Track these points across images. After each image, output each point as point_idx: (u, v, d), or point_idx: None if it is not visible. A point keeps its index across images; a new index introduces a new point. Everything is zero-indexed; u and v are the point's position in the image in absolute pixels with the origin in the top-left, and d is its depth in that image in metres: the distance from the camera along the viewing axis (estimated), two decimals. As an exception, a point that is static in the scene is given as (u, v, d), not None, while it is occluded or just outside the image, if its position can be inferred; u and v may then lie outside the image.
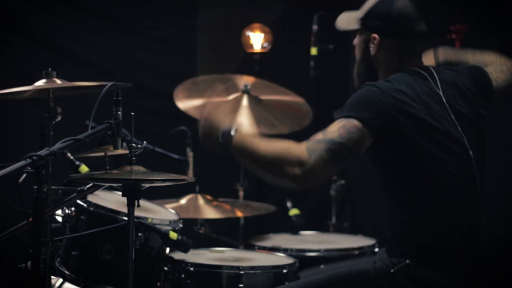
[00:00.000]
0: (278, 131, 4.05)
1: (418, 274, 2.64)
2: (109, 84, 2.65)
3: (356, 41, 2.89)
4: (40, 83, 2.91)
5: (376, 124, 2.59)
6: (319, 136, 2.58)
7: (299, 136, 2.81)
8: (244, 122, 2.90)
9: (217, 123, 2.64)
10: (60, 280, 3.19)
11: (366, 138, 2.59)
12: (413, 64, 2.78)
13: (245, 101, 4.23)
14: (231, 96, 4.24)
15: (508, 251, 4.07)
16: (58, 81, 2.92)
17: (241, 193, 4.40)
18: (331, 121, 2.85)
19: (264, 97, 4.25)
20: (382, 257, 2.75)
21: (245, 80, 4.13)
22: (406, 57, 2.79)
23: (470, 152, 2.70)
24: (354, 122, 2.58)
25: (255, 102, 4.14)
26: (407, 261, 2.66)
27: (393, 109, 2.62)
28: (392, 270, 2.67)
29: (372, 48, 2.81)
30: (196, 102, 4.07)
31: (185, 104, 4.05)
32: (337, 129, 2.57)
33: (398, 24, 2.77)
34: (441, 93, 2.71)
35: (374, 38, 2.79)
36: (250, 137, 2.63)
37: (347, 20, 2.91)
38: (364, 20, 2.83)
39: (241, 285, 3.13)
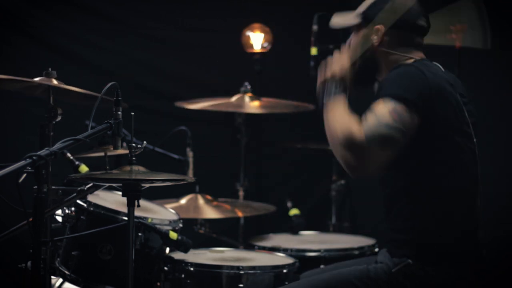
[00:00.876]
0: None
1: (419, 274, 2.64)
2: (109, 84, 2.65)
3: (351, 39, 2.87)
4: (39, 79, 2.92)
5: (421, 104, 2.57)
6: (371, 119, 2.55)
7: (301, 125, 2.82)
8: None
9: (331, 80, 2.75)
10: (60, 280, 3.19)
11: (415, 121, 2.57)
12: (419, 56, 2.79)
13: (246, 99, 4.24)
14: (234, 98, 4.25)
15: (508, 251, 4.07)
16: (56, 82, 2.93)
17: (241, 193, 4.40)
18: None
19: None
20: (384, 257, 2.75)
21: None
22: (409, 49, 2.79)
23: (476, 149, 2.71)
24: (403, 106, 2.55)
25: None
26: (409, 261, 2.66)
27: (434, 92, 2.60)
28: (393, 270, 2.67)
29: (375, 39, 2.79)
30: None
31: None
32: (389, 112, 2.54)
33: (402, 16, 2.77)
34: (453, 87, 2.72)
35: (378, 29, 2.78)
36: (337, 105, 2.66)
37: (342, 19, 2.92)
38: (366, 13, 2.82)
39: (241, 285, 3.13)
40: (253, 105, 4.26)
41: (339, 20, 2.93)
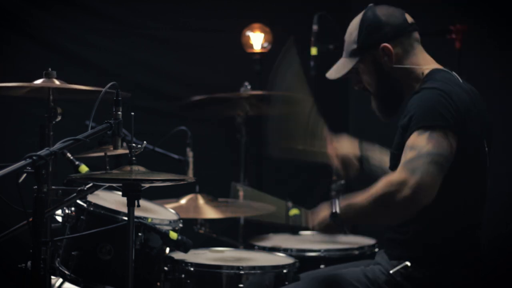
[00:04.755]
0: None
1: (417, 275, 2.64)
2: (109, 84, 2.65)
3: (360, 77, 2.83)
4: (40, 82, 2.92)
5: (454, 126, 2.55)
6: (411, 154, 2.51)
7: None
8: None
9: (322, 219, 2.73)
10: (60, 280, 3.19)
11: (453, 143, 2.54)
12: (433, 62, 2.78)
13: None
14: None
15: (508, 251, 4.07)
16: (57, 82, 2.93)
17: (241, 193, 4.39)
18: (330, 121, 2.84)
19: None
20: (382, 259, 2.75)
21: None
22: (417, 52, 2.78)
23: (487, 156, 2.71)
24: (438, 132, 2.52)
25: None
26: (407, 262, 2.65)
27: (461, 111, 2.58)
28: (391, 272, 2.67)
29: (388, 60, 2.75)
30: None
31: None
32: (427, 142, 2.51)
33: (394, 23, 2.76)
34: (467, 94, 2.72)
35: (384, 48, 2.75)
36: (349, 202, 2.66)
37: (336, 69, 2.87)
38: (361, 45, 2.78)
39: (241, 285, 3.13)
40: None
41: (334, 71, 2.88)
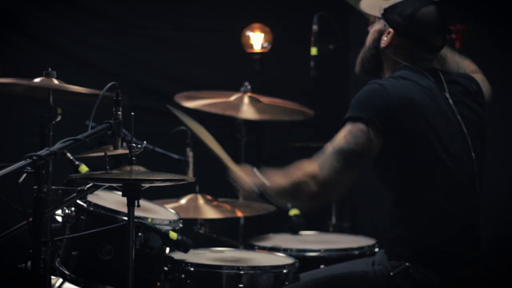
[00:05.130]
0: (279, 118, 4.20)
1: (418, 276, 2.64)
2: (109, 84, 2.65)
3: (371, 27, 2.90)
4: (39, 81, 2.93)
5: (380, 122, 2.60)
6: (328, 148, 2.62)
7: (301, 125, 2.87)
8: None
9: (248, 181, 2.92)
10: (60, 280, 3.19)
11: (374, 139, 2.60)
12: (420, 65, 2.79)
13: (246, 99, 4.24)
14: (233, 97, 4.25)
15: (508, 251, 4.07)
16: (57, 82, 2.93)
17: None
18: (330, 121, 2.85)
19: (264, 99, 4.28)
20: (382, 260, 2.75)
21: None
22: (414, 59, 2.80)
23: (473, 154, 2.70)
24: (359, 126, 2.60)
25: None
26: (407, 263, 2.66)
27: (395, 107, 2.62)
28: (391, 273, 2.67)
29: (383, 41, 2.82)
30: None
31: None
32: (344, 136, 2.60)
33: (416, 29, 2.78)
34: (447, 94, 2.71)
35: (389, 32, 2.80)
36: (271, 183, 2.76)
37: (371, 5, 2.92)
38: (386, 11, 2.83)
39: (241, 285, 3.13)
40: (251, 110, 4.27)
41: (368, 4, 2.93)
